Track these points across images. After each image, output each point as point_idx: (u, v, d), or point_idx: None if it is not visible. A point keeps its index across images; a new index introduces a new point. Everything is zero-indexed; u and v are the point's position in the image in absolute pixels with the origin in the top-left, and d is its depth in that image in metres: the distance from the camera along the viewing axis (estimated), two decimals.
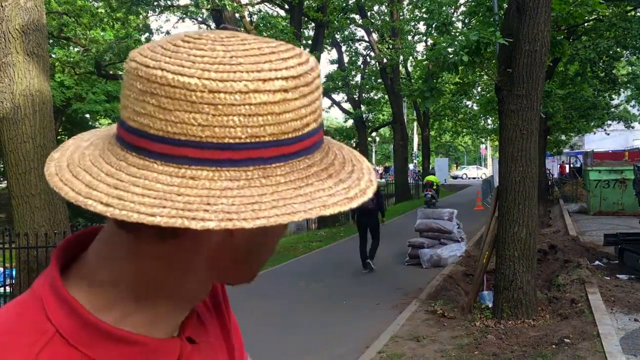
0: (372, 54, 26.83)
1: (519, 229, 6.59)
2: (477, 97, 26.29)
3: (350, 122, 30.59)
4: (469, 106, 33.35)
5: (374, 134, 37.89)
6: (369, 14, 25.83)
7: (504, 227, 6.73)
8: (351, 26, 26.87)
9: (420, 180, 36.63)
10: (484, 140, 50.42)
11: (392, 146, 36.16)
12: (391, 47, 25.22)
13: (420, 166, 40.47)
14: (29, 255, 6.31)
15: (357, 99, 27.38)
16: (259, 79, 0.52)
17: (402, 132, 28.15)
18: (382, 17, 27.70)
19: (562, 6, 9.10)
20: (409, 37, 28.28)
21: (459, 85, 14.06)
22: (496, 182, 8.87)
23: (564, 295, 7.27)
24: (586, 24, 14.65)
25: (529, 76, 6.47)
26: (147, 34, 20.91)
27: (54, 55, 19.77)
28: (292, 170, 0.54)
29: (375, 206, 10.37)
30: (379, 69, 26.37)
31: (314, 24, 22.00)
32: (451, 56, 7.49)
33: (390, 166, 37.26)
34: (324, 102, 30.26)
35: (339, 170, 0.58)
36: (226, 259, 0.61)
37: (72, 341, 0.56)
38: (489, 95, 21.56)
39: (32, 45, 6.25)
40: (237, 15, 15.06)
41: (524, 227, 6.59)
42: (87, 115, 26.88)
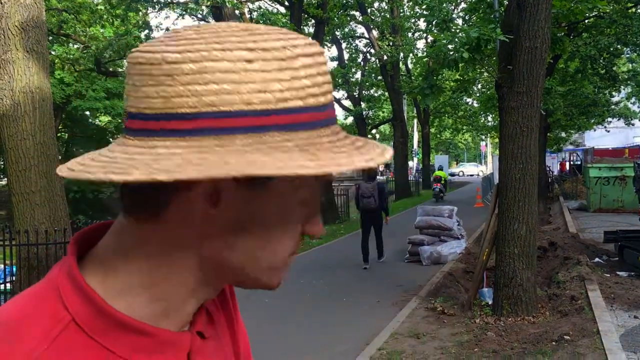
0: (372, 51, 26.80)
1: (519, 226, 6.59)
2: (478, 94, 26.26)
3: (350, 119, 30.63)
4: (469, 103, 33.35)
5: (374, 131, 37.81)
6: (369, 10, 25.79)
7: (504, 225, 6.73)
8: (351, 23, 26.82)
9: (420, 177, 36.71)
10: (484, 137, 50.44)
11: (392, 143, 36.15)
12: (391, 44, 25.20)
13: (420, 163, 40.49)
14: (29, 252, 6.31)
15: (357, 96, 27.35)
16: (217, 49, 0.52)
17: (402, 129, 28.14)
18: (383, 14, 27.65)
19: (563, 3, 9.09)
20: (409, 34, 28.28)
21: (459, 82, 14.09)
22: (496, 180, 8.86)
23: (563, 292, 7.28)
24: (587, 21, 14.62)
25: (529, 73, 6.46)
26: (146, 31, 20.90)
27: (53, 52, 19.74)
28: (257, 142, 0.52)
29: (378, 205, 10.26)
30: (379, 66, 26.34)
31: (314, 21, 21.94)
32: (451, 53, 7.48)
33: (390, 163, 37.25)
34: None
35: (324, 148, 0.54)
36: (220, 242, 0.59)
37: (87, 329, 0.57)
38: (489, 92, 21.54)
39: (32, 42, 6.25)
40: (237, 12, 15.05)
41: (524, 224, 6.59)
42: (87, 112, 26.86)
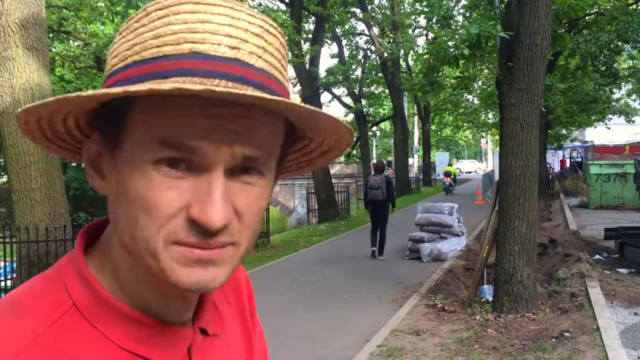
0: (373, 48, 26.77)
1: (519, 223, 6.59)
2: (478, 91, 26.25)
3: (350, 116, 30.55)
4: (470, 100, 33.36)
5: (374, 128, 37.79)
6: (369, 7, 25.74)
7: (504, 221, 6.73)
8: (352, 20, 26.77)
9: (420, 174, 36.74)
10: (484, 134, 50.44)
11: (392, 140, 36.13)
12: (392, 40, 25.17)
13: (422, 160, 40.49)
14: (29, 249, 6.32)
15: (357, 93, 27.31)
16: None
17: (403, 126, 28.12)
18: (383, 11, 27.62)
19: None
20: (410, 30, 28.24)
21: (459, 79, 14.02)
22: (497, 176, 8.86)
23: (564, 289, 7.28)
24: (587, 18, 14.61)
25: (529, 70, 6.45)
26: None
27: (53, 49, 19.70)
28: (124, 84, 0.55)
29: (385, 197, 10.65)
30: (379, 63, 26.31)
31: (314, 18, 21.92)
32: (452, 50, 7.47)
33: (391, 160, 37.27)
34: (324, 96, 30.27)
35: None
36: (113, 218, 0.60)
37: (87, 315, 0.59)
38: (489, 89, 21.55)
39: (32, 39, 6.24)
40: None
41: (524, 221, 6.59)
42: None
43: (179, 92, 0.49)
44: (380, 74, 27.47)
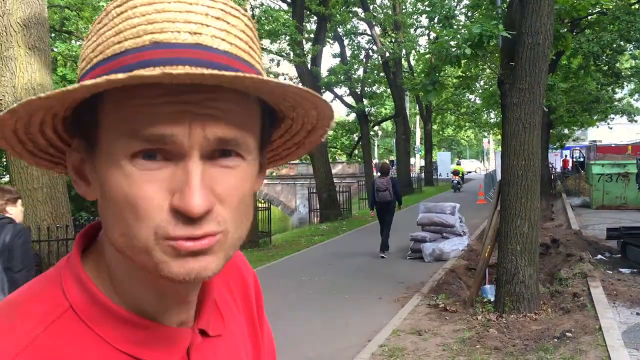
0: (375, 48, 26.73)
1: (521, 222, 6.58)
2: (480, 91, 26.24)
3: (352, 116, 30.51)
4: (472, 100, 33.31)
5: (376, 128, 37.76)
6: (371, 7, 25.71)
7: (506, 221, 6.72)
8: (353, 20, 26.74)
9: (422, 174, 36.75)
10: (486, 134, 50.40)
11: (394, 140, 36.11)
12: (394, 40, 25.14)
13: (423, 160, 40.47)
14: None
15: (359, 92, 27.28)
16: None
17: (405, 126, 28.10)
18: (385, 11, 27.61)
19: None
20: (412, 30, 28.21)
21: (461, 78, 14.04)
22: (499, 176, 8.85)
23: (566, 289, 7.27)
24: (589, 17, 14.58)
25: (531, 69, 6.44)
26: None
27: (55, 49, 19.72)
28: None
29: (392, 198, 11.10)
30: (381, 62, 26.29)
31: (316, 18, 21.92)
32: (454, 49, 7.46)
33: (393, 160, 37.27)
34: (326, 96, 30.22)
35: None
36: (103, 220, 0.60)
37: (84, 318, 0.59)
38: (491, 88, 21.53)
39: (34, 39, 6.24)
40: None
41: (526, 221, 6.58)
42: None
43: (136, 81, 0.49)
44: (382, 74, 27.44)
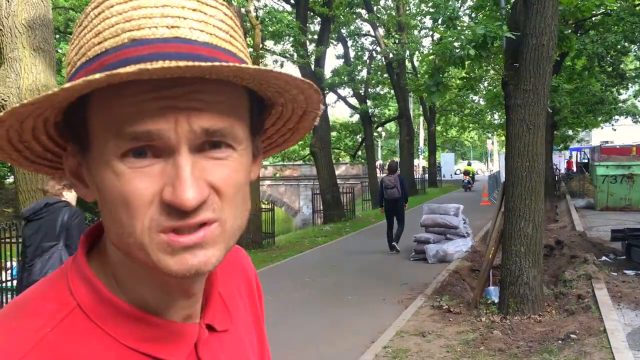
0: (378, 49, 26.74)
1: (525, 224, 6.57)
2: (484, 92, 26.20)
3: (356, 117, 30.56)
4: (476, 101, 33.28)
5: (380, 129, 37.76)
6: (375, 8, 25.74)
7: (510, 223, 6.70)
8: (357, 21, 26.77)
9: (425, 175, 36.74)
10: (490, 135, 50.31)
11: (398, 141, 36.10)
12: (397, 41, 25.15)
13: (426, 162, 40.44)
14: None
15: (363, 94, 27.30)
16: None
17: (409, 127, 28.07)
18: (388, 12, 27.63)
19: (570, 0, 9.03)
20: (415, 31, 28.20)
21: (465, 80, 14.01)
22: (503, 177, 8.83)
23: (570, 290, 7.25)
24: (594, 18, 14.56)
25: (536, 71, 6.43)
26: None
27: (60, 50, 19.80)
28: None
29: (400, 195, 11.55)
30: (385, 63, 26.29)
31: (319, 19, 21.94)
32: (458, 50, 7.45)
33: (397, 161, 37.29)
34: (330, 97, 30.25)
35: None
36: (106, 206, 0.59)
37: (91, 315, 0.60)
38: (495, 90, 21.47)
39: (39, 40, 6.26)
40: (242, 10, 15.04)
41: (530, 223, 6.56)
42: None
43: (114, 79, 0.50)
44: (385, 75, 27.45)
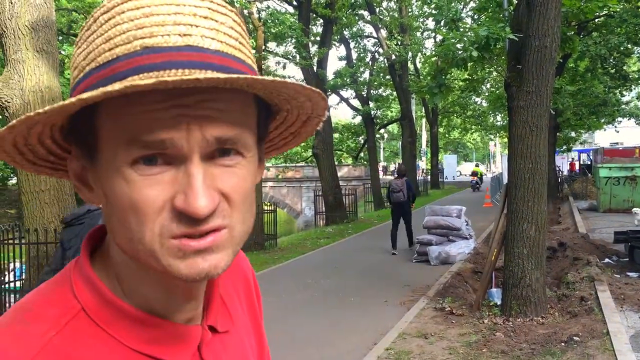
0: (381, 51, 26.74)
1: (528, 226, 6.55)
2: (486, 94, 26.19)
3: (358, 118, 30.53)
4: (478, 103, 33.26)
5: (382, 131, 37.77)
6: (377, 10, 25.74)
7: (513, 224, 6.69)
8: (360, 23, 26.77)
9: (427, 177, 36.74)
10: (493, 136, 50.28)
11: (400, 143, 36.08)
12: (400, 43, 25.14)
13: (428, 164, 40.44)
14: (38, 250, 6.35)
15: (365, 95, 27.32)
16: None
17: (411, 128, 28.06)
18: (391, 14, 27.61)
19: (573, 1, 9.02)
20: (418, 33, 28.24)
21: (468, 81, 14.02)
22: (505, 179, 8.82)
23: (573, 293, 7.23)
24: (597, 20, 14.53)
25: (538, 72, 6.42)
26: None
27: (63, 52, 19.85)
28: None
29: (406, 199, 11.80)
30: (387, 65, 26.28)
31: (322, 21, 21.95)
32: (460, 52, 7.44)
33: (400, 163, 37.28)
34: (332, 98, 30.26)
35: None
36: (108, 221, 0.60)
37: (96, 318, 0.60)
38: (498, 91, 21.46)
39: (42, 41, 6.27)
40: (245, 11, 15.06)
41: (533, 224, 6.55)
42: None
43: (131, 90, 0.49)
44: (388, 77, 27.44)
